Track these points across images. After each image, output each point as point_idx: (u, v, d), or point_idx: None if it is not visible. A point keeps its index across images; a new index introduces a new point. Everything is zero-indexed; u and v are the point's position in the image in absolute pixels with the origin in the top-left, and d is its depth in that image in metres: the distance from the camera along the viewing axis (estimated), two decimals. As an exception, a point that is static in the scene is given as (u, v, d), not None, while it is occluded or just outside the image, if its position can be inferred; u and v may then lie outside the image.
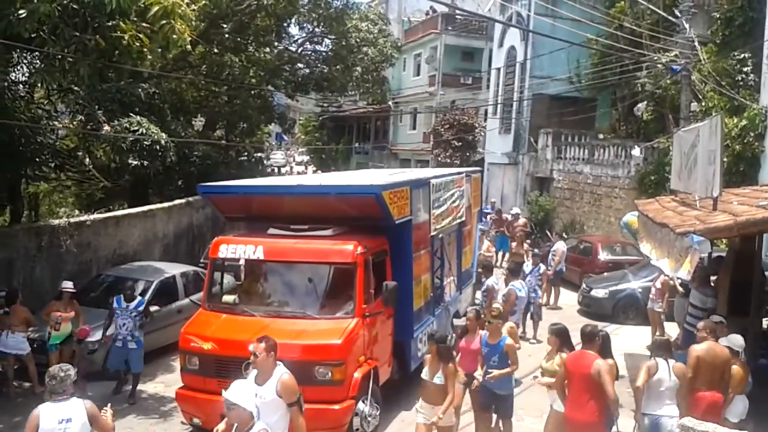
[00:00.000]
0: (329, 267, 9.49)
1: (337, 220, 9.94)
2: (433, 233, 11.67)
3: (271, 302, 9.69)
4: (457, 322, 13.43)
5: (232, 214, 11.36)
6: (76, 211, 17.77)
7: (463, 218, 13.84)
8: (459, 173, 14.33)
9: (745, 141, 17.56)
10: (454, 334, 13.13)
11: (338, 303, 9.33)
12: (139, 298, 11.25)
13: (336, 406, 8.55)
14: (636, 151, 22.40)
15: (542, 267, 15.59)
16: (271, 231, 9.95)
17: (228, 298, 9.69)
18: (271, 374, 6.42)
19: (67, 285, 11.39)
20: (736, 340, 8.19)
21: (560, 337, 8.08)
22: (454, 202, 13.04)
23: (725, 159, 11.74)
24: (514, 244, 20.71)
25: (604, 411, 7.20)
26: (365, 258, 9.36)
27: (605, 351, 7.62)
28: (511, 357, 8.62)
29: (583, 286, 17.46)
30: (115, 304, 11.01)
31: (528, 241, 21.64)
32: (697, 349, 7.87)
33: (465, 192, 14.03)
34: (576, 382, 7.35)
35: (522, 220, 22.53)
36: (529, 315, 14.50)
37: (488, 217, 24.00)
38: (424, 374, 8.09)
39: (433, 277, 11.89)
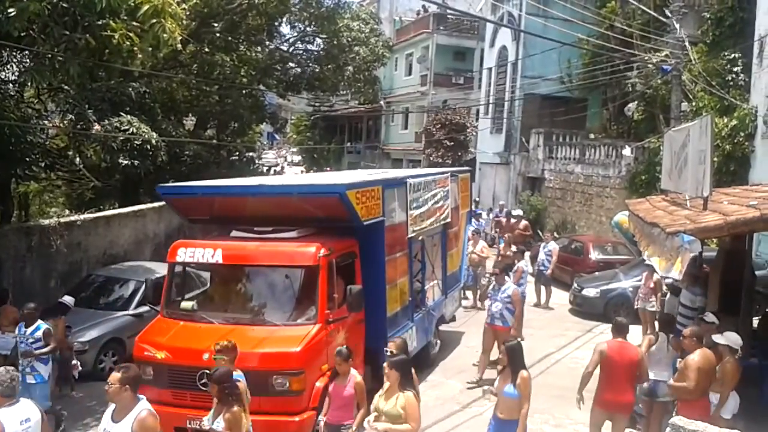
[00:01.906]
0: (290, 270, 9.04)
1: (305, 222, 9.58)
2: (411, 235, 11.30)
3: (231, 308, 9.26)
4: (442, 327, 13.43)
5: (194, 217, 10.94)
6: (67, 211, 17.72)
7: (448, 219, 13.39)
8: (443, 173, 13.82)
9: (735, 141, 17.64)
10: (438, 342, 13.04)
11: (300, 308, 8.94)
12: (39, 322, 9.37)
13: (296, 418, 8.11)
14: (627, 151, 22.48)
15: (518, 264, 15.19)
16: (234, 233, 9.56)
17: (186, 304, 9.25)
18: (129, 410, 5.70)
19: (68, 300, 11.03)
20: (736, 338, 8.21)
21: (401, 370, 6.86)
22: (437, 202, 12.63)
23: (715, 159, 11.81)
24: (501, 245, 19.87)
25: (634, 391, 8.32)
26: (329, 261, 8.91)
27: (517, 362, 7.50)
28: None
29: (575, 285, 17.51)
30: (17, 330, 9.41)
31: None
32: (696, 360, 7.80)
33: (450, 192, 13.53)
34: (621, 369, 8.10)
35: (524, 223, 22.18)
36: None
37: (486, 218, 23.75)
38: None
39: (412, 280, 11.43)
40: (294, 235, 9.28)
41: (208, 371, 7.21)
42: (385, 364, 6.98)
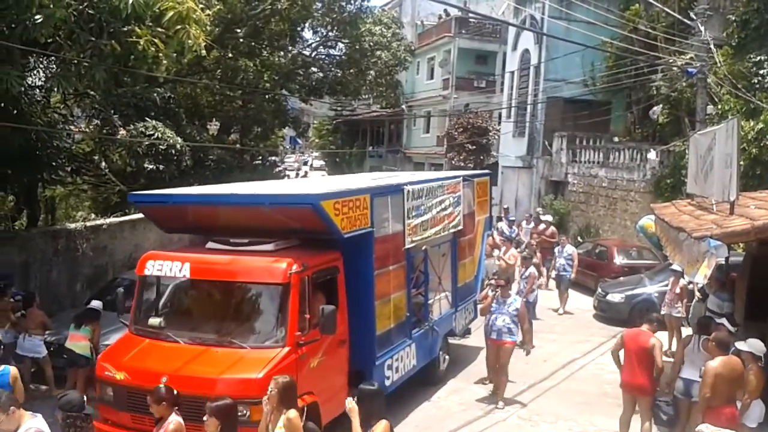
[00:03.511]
0: (258, 288, 8.42)
1: (288, 233, 8.93)
2: (408, 246, 10.47)
3: (197, 327, 8.58)
4: (452, 341, 12.75)
5: (170, 226, 10.27)
6: (92, 215, 17.91)
7: (460, 227, 12.54)
8: (453, 177, 12.93)
9: (762, 144, 17.38)
10: (446, 358, 12.28)
11: (268, 329, 8.26)
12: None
13: None
14: (652, 155, 22.24)
15: (531, 270, 14.96)
16: (210, 245, 8.95)
17: (153, 321, 8.63)
18: None
19: (97, 305, 11.07)
20: (759, 345, 8.10)
21: (222, 419, 6.14)
22: (444, 209, 11.82)
23: (742, 162, 11.62)
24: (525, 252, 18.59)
25: (653, 377, 8.83)
26: (302, 277, 8.17)
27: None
28: None
29: (599, 290, 17.33)
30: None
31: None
32: (714, 366, 7.72)
33: (463, 198, 12.68)
34: (633, 355, 8.87)
35: (551, 230, 21.04)
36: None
37: (526, 227, 23.20)
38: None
39: (410, 294, 10.62)
40: (270, 248, 8.59)
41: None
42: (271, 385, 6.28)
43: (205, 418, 6.02)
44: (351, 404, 6.10)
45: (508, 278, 11.78)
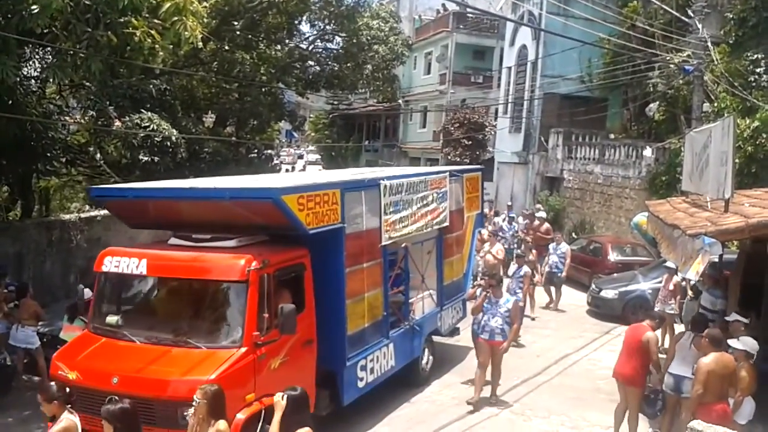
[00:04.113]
0: (216, 285, 8.15)
1: (254, 229, 8.66)
2: (385, 243, 10.17)
3: (154, 326, 8.30)
4: (437, 339, 12.41)
5: (135, 222, 10.00)
6: (87, 207, 17.87)
7: (445, 223, 12.14)
8: (438, 173, 12.45)
9: (758, 142, 17.43)
10: (430, 358, 11.88)
11: (226, 329, 7.96)
12: None
13: None
14: (647, 152, 22.28)
15: (525, 269, 14.52)
16: (172, 241, 8.73)
17: (111, 319, 8.39)
18: None
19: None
20: (753, 344, 8.13)
21: (211, 401, 5.89)
22: (427, 205, 11.43)
23: (737, 160, 11.63)
24: (520, 249, 18.72)
25: (643, 370, 8.99)
26: (261, 275, 7.83)
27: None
28: None
29: (593, 286, 17.37)
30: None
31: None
32: (707, 363, 7.74)
33: (450, 194, 12.27)
34: (626, 346, 9.18)
35: (545, 226, 20.90)
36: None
37: (521, 223, 23.05)
38: None
39: (387, 292, 10.30)
40: (232, 245, 8.32)
41: (117, 397, 6.62)
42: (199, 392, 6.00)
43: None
44: (279, 399, 5.84)
45: (499, 278, 11.35)
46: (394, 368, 10.51)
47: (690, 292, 13.22)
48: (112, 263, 8.33)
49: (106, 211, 15.50)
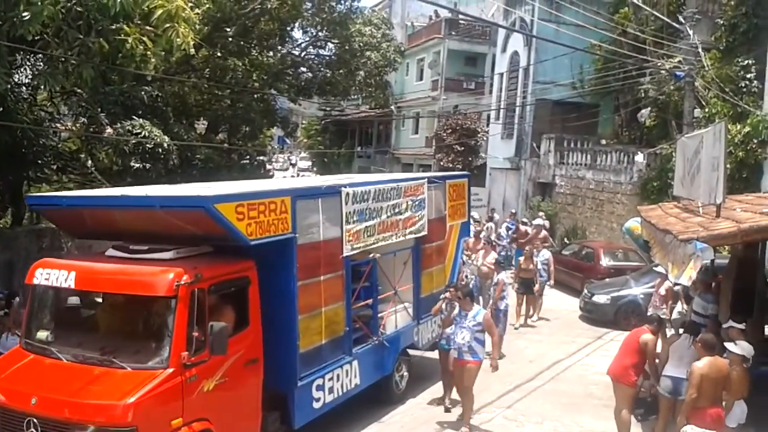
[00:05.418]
0: (144, 301, 7.57)
1: (199, 240, 8.11)
2: (347, 254, 9.56)
3: (83, 343, 7.81)
4: (413, 352, 11.73)
5: (74, 231, 9.61)
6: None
7: (423, 232, 11.44)
8: (414, 179, 11.85)
9: (749, 148, 17.54)
10: (404, 375, 11.15)
11: (153, 348, 7.39)
12: None
13: None
14: (639, 157, 22.34)
15: (500, 276, 13.70)
16: (109, 252, 8.21)
17: (41, 335, 7.95)
18: None
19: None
20: (749, 348, 8.16)
21: None
22: (399, 213, 10.76)
23: (728, 166, 11.66)
24: (521, 258, 17.17)
25: (633, 369, 9.04)
26: (192, 290, 7.28)
27: None
28: None
29: (585, 291, 17.40)
30: None
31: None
32: (700, 367, 7.75)
33: (428, 201, 11.57)
34: (623, 345, 9.42)
35: (543, 234, 20.43)
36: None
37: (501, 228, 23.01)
38: None
39: (349, 306, 9.70)
40: (169, 257, 7.74)
41: (35, 419, 6.46)
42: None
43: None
44: None
45: (467, 292, 10.38)
46: (360, 386, 9.96)
47: (684, 305, 13.26)
48: (43, 275, 7.86)
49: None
